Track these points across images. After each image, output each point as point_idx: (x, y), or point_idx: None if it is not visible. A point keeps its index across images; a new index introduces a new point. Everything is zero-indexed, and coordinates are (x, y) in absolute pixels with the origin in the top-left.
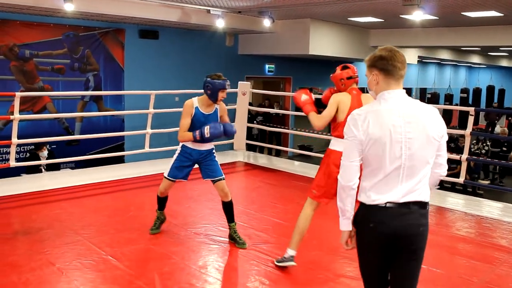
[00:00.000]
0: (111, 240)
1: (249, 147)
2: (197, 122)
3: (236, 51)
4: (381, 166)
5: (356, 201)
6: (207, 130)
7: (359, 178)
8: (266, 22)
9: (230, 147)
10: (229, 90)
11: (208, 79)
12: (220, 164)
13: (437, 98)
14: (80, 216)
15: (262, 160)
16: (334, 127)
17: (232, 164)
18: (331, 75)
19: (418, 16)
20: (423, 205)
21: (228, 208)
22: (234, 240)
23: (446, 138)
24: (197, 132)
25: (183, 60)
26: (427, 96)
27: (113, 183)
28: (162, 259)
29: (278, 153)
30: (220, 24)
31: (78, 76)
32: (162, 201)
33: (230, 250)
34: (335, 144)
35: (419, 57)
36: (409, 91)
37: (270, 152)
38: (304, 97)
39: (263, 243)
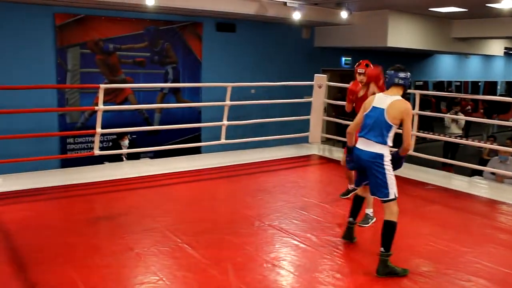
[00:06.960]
0: (187, 228)
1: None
2: None
3: (313, 43)
4: None
5: None
6: None
7: None
8: (344, 14)
9: (305, 140)
10: (305, 83)
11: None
12: (295, 157)
13: None
14: (157, 204)
15: (337, 153)
16: None
17: (307, 157)
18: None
19: (507, 4)
20: None
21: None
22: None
23: None
24: None
25: (260, 52)
26: None
27: (190, 173)
28: (235, 249)
29: None
30: (296, 16)
31: (157, 69)
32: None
33: (303, 243)
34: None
35: (505, 48)
36: (494, 84)
37: None
38: None
39: (337, 238)
